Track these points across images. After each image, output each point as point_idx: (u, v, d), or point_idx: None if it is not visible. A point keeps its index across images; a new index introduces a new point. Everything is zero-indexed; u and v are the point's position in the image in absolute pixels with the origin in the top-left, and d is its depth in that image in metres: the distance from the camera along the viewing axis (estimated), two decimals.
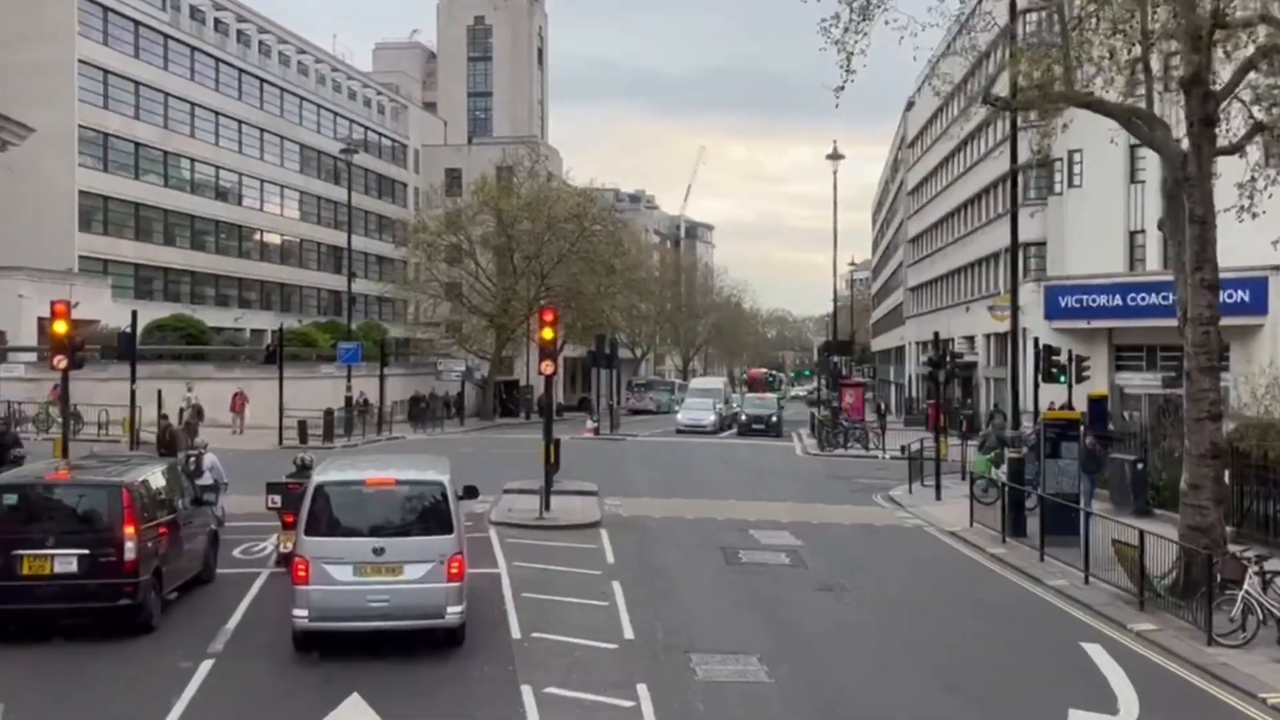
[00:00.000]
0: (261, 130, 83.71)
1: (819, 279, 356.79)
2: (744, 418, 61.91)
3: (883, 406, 74.67)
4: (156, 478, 18.01)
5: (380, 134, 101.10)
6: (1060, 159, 57.19)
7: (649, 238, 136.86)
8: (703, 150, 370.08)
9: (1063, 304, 53.53)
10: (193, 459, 23.69)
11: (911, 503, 30.74)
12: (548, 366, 26.84)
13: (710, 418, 61.68)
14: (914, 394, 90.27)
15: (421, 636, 14.93)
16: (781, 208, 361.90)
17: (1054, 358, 37.16)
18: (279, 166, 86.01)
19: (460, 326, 76.87)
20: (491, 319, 73.70)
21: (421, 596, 14.68)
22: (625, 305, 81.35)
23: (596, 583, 19.43)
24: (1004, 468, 28.72)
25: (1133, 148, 54.20)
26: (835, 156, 54.86)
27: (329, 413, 46.58)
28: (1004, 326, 58.70)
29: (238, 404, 48.43)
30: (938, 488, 30.88)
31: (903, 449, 47.18)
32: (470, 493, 17.64)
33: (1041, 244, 58.86)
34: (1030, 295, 55.72)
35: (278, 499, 20.48)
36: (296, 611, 14.66)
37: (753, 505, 29.81)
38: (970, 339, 71.41)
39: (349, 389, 50.50)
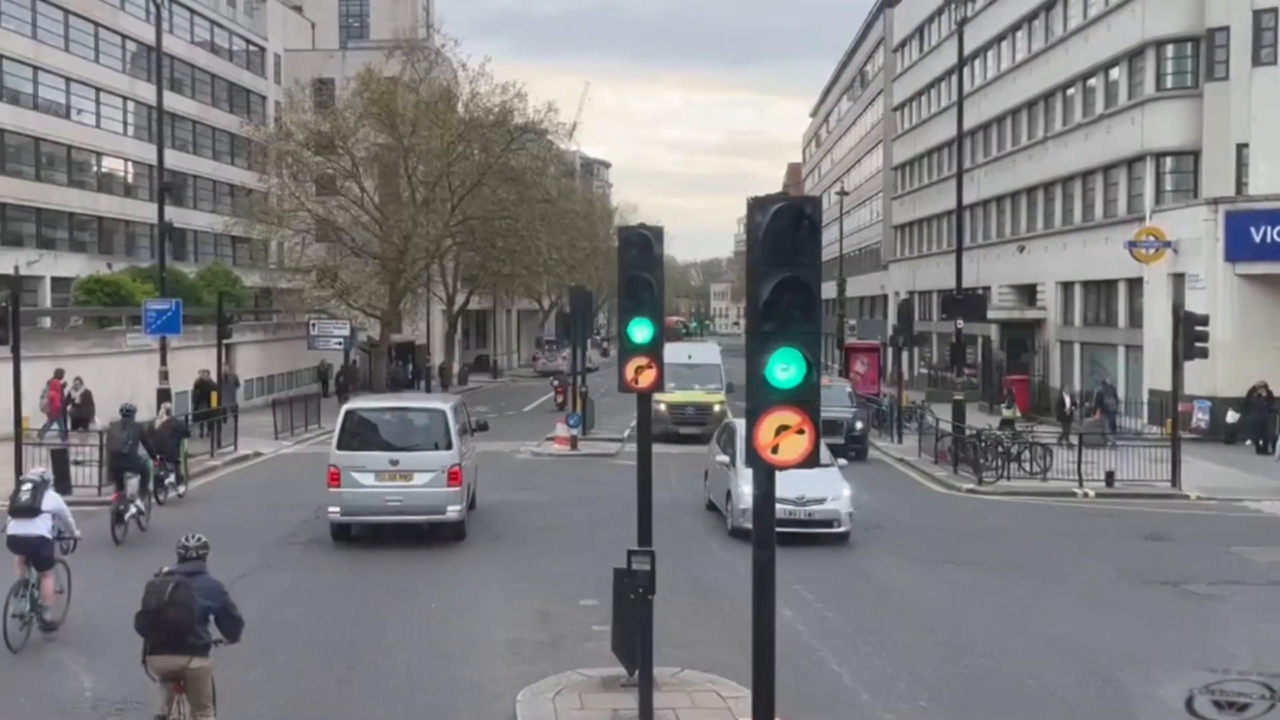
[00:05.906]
0: (66, 12, 62.06)
1: (695, 224, 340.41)
2: None
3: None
4: None
5: (231, 32, 79.64)
6: (1224, 28, 39.67)
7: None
8: (588, 86, 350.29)
9: (1256, 238, 36.14)
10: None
11: None
12: (646, 373, 9.61)
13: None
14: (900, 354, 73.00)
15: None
16: (653, 152, 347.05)
17: None
18: (93, 63, 64.44)
19: (336, 273, 56.96)
20: (383, 263, 54.10)
21: (427, 497, 19.37)
22: (563, 244, 61.67)
23: None
24: None
25: None
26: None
27: (112, 428, 25.24)
28: (1148, 270, 41.42)
29: None
30: None
31: (1108, 477, 29.14)
32: (482, 427, 24.71)
33: (1187, 154, 41.25)
34: (1200, 225, 37.93)
35: (557, 380, 45.79)
36: (331, 508, 19.57)
37: None
38: (1028, 289, 53.96)
39: (164, 379, 29.98)
